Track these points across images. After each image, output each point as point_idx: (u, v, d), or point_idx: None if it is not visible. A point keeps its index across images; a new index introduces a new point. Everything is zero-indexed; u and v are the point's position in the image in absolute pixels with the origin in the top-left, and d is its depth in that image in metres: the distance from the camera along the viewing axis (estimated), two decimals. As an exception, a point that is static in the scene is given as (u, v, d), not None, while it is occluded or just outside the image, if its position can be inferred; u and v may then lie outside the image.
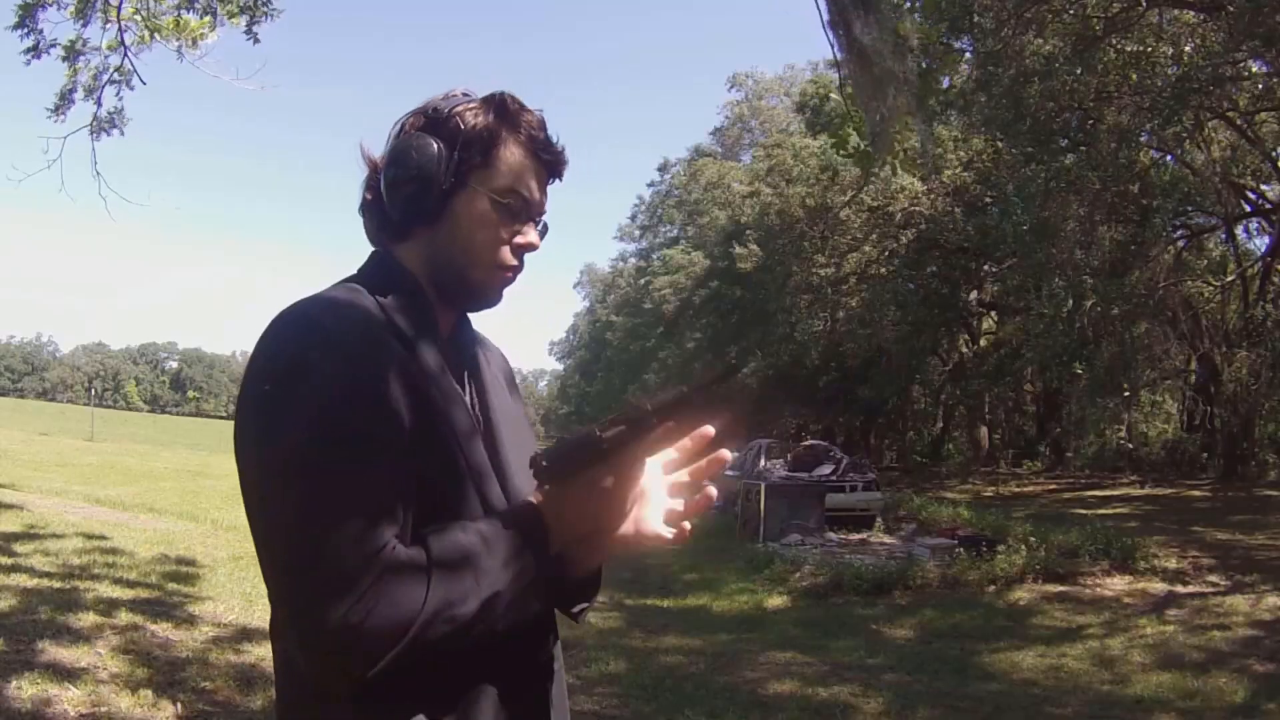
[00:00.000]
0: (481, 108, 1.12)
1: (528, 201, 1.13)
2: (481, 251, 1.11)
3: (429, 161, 1.08)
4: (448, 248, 1.11)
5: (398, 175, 1.09)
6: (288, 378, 0.96)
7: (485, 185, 1.10)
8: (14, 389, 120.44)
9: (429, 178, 1.08)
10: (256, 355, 1.00)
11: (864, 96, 3.40)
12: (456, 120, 1.10)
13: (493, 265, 1.12)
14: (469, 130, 1.10)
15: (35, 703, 3.72)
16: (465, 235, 1.11)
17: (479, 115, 1.11)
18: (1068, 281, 14.33)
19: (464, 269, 1.11)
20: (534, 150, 1.13)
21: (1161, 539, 10.49)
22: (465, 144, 1.10)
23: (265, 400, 0.96)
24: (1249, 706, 5.28)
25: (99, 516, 10.05)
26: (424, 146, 1.09)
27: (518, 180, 1.12)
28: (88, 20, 7.04)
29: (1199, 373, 19.69)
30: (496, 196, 1.11)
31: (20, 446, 21.42)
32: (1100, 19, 13.43)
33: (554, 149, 1.15)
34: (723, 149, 43.48)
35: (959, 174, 20.02)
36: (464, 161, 1.10)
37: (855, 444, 27.90)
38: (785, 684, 5.82)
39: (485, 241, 1.11)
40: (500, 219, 1.11)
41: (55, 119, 7.29)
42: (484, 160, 1.10)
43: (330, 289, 1.09)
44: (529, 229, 1.14)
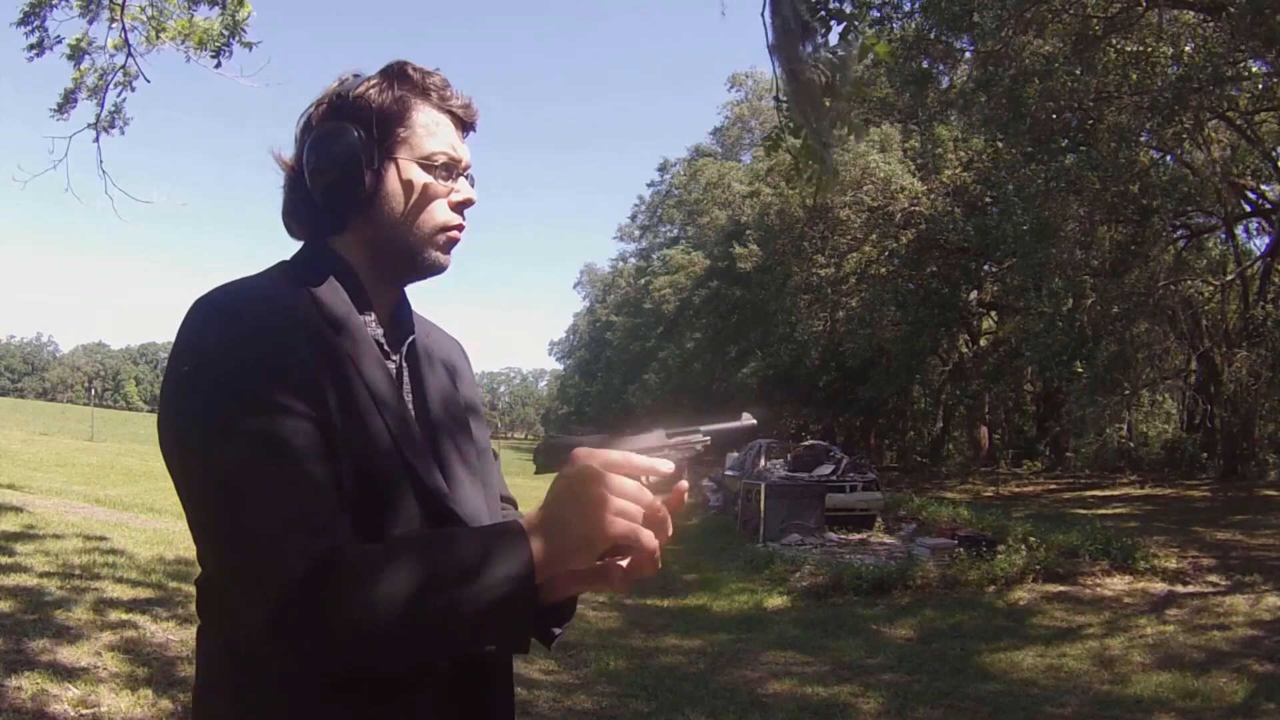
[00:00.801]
0: (383, 81, 1.11)
1: (454, 159, 1.13)
2: (424, 219, 1.11)
3: (350, 146, 1.07)
4: (389, 226, 1.10)
5: (320, 167, 1.07)
6: (210, 360, 0.94)
7: (411, 154, 1.10)
8: (14, 389, 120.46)
9: (354, 161, 1.07)
10: (178, 340, 0.98)
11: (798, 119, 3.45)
12: (363, 100, 1.09)
13: (437, 230, 1.11)
14: (379, 106, 1.09)
15: (35, 702, 3.72)
16: (404, 208, 1.10)
17: (384, 89, 1.10)
18: (1068, 281, 14.34)
19: (410, 242, 1.10)
20: (446, 108, 1.13)
21: (1161, 539, 10.50)
22: (380, 120, 1.09)
23: (187, 383, 0.95)
24: (1248, 706, 5.28)
25: (99, 516, 10.04)
26: (339, 130, 1.07)
27: (440, 141, 1.12)
28: (94, 18, 7.04)
29: (1199, 372, 19.69)
30: (425, 161, 1.10)
31: (20, 446, 21.42)
32: (1100, 19, 13.44)
33: (464, 103, 1.15)
34: (723, 149, 43.49)
35: (959, 174, 20.03)
36: (384, 137, 1.09)
37: (855, 444, 27.89)
38: (785, 684, 5.82)
39: (425, 208, 1.10)
40: (434, 183, 1.11)
41: (59, 117, 7.29)
42: (403, 129, 1.10)
43: (256, 274, 1.08)
44: (463, 184, 1.14)
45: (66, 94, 7.31)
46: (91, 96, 7.32)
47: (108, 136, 7.41)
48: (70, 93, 7.30)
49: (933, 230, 20.29)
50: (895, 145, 20.90)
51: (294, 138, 1.13)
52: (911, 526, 13.39)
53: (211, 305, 0.99)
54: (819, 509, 13.04)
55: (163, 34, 7.02)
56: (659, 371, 39.27)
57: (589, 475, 0.93)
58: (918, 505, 15.01)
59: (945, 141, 20.23)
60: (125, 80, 7.30)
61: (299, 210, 1.12)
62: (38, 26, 6.91)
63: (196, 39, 7.00)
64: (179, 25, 7.00)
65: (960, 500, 16.83)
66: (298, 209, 1.13)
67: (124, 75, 7.30)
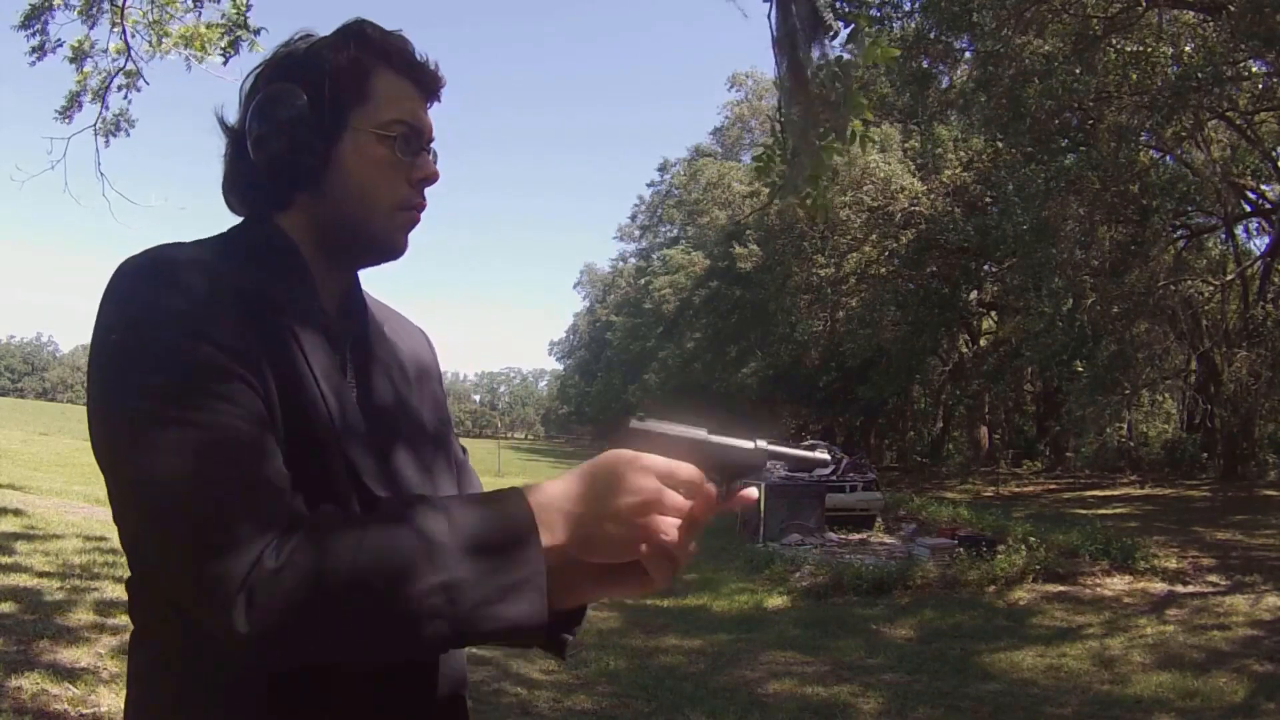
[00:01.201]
0: (338, 41, 0.99)
1: (416, 129, 1.00)
2: (381, 196, 0.98)
3: (298, 111, 0.95)
4: (339, 202, 0.98)
5: (264, 133, 0.95)
6: (143, 329, 0.85)
7: (368, 122, 0.97)
8: (14, 389, 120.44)
9: (302, 129, 0.94)
10: (105, 304, 0.89)
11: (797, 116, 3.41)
12: (315, 60, 0.98)
13: (394, 208, 1.00)
14: (333, 68, 0.97)
15: (36, 702, 3.72)
16: (358, 182, 0.97)
17: (339, 50, 0.98)
18: (1068, 281, 14.34)
19: (363, 221, 0.98)
20: (409, 74, 1.01)
21: (1161, 539, 10.50)
22: (334, 82, 0.96)
23: (116, 353, 0.86)
24: (1249, 706, 5.28)
25: (99, 516, 10.04)
26: (287, 94, 0.95)
27: (401, 109, 0.99)
28: (95, 22, 7.04)
29: (1199, 372, 19.69)
30: (383, 131, 0.97)
31: (20, 446, 21.41)
32: (1100, 19, 13.44)
33: (428, 68, 1.03)
34: (723, 149, 43.50)
35: (959, 174, 20.03)
36: (337, 101, 0.96)
37: (855, 444, 27.89)
38: (785, 684, 5.82)
39: (382, 183, 0.98)
40: (393, 155, 0.98)
41: (62, 121, 7.29)
42: (359, 95, 0.97)
43: (190, 242, 0.96)
44: (424, 159, 1.01)
45: (71, 97, 7.31)
46: (95, 100, 7.33)
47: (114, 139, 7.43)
48: (75, 96, 7.30)
49: (933, 230, 20.29)
50: (895, 145, 20.90)
51: (238, 99, 1.00)
52: (911, 526, 13.40)
53: (143, 269, 0.89)
54: (819, 509, 13.04)
55: (165, 39, 7.01)
56: (659, 371, 39.28)
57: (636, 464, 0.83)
58: (918, 505, 15.01)
59: (945, 141, 20.24)
60: (129, 82, 7.31)
61: (240, 181, 1.00)
62: (39, 30, 6.92)
63: (199, 45, 6.99)
64: (183, 31, 6.99)
65: (960, 500, 16.84)
66: (238, 180, 1.01)
67: (126, 78, 7.31)
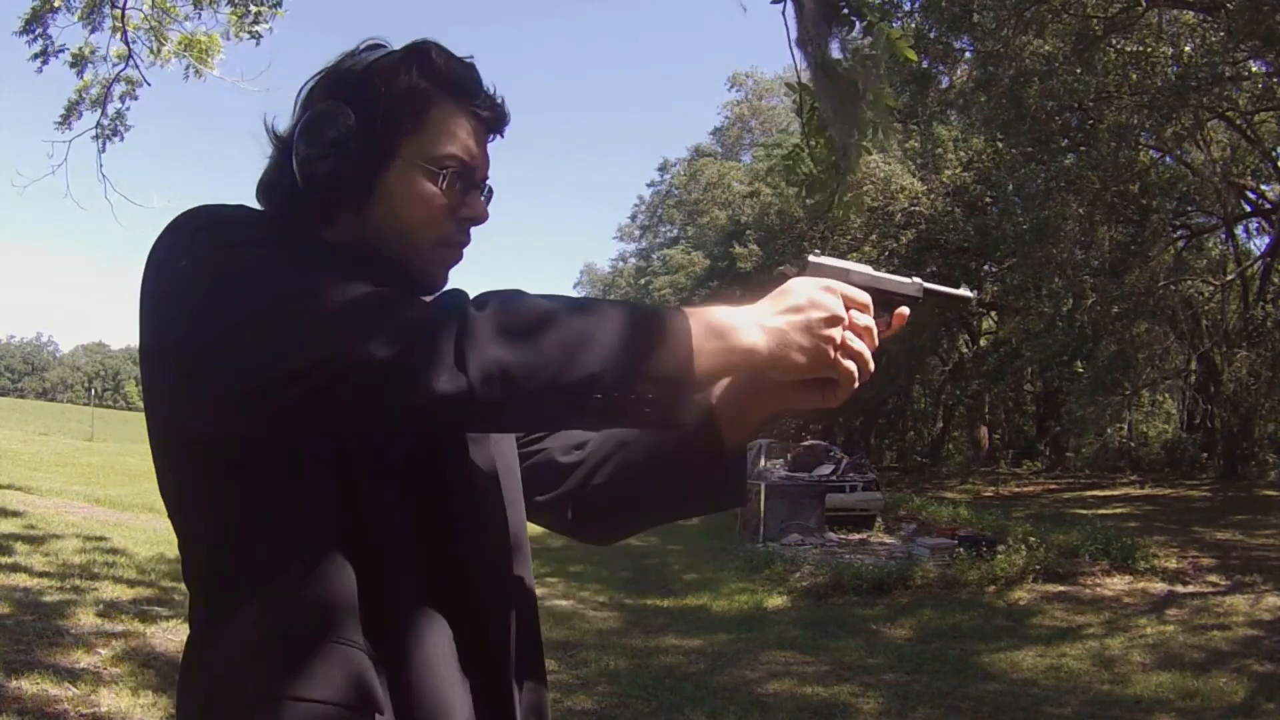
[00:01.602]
0: (402, 63, 0.95)
1: (469, 166, 0.97)
2: (422, 231, 0.96)
3: (344, 134, 0.92)
4: (380, 231, 0.95)
5: (310, 152, 0.92)
6: (216, 250, 0.83)
7: (419, 155, 0.94)
8: (14, 389, 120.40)
9: (346, 154, 0.92)
10: (160, 251, 0.87)
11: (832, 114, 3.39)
12: (373, 81, 0.94)
13: (436, 245, 0.97)
14: (392, 91, 0.94)
15: (36, 703, 3.72)
16: (401, 215, 0.95)
17: (401, 73, 0.95)
18: (1068, 281, 14.34)
19: (402, 255, 0.96)
20: (470, 107, 0.97)
21: (1161, 539, 10.50)
22: (389, 108, 0.93)
23: (184, 278, 0.83)
24: (1249, 706, 5.28)
25: (99, 516, 10.05)
26: (336, 115, 0.92)
27: (456, 143, 0.96)
28: (96, 26, 7.04)
29: (1199, 372, 19.69)
30: (432, 166, 0.95)
31: (20, 446, 21.40)
32: (1100, 19, 13.43)
33: (493, 102, 0.99)
34: (723, 149, 43.50)
35: (959, 174, 20.03)
36: (389, 129, 0.93)
37: (855, 444, 27.90)
38: (785, 684, 5.82)
39: (425, 219, 0.95)
40: (440, 191, 0.95)
41: (62, 128, 7.30)
42: (414, 125, 0.94)
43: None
44: (474, 198, 0.99)
45: (70, 105, 7.32)
46: (95, 107, 7.33)
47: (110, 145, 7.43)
48: (74, 104, 7.30)
49: (933, 230, 20.29)
50: (895, 145, 20.90)
51: (293, 106, 0.98)
52: (911, 526, 13.39)
53: (212, 212, 0.89)
54: (819, 509, 13.04)
55: (165, 47, 7.02)
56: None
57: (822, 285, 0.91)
58: (918, 505, 15.01)
59: (945, 141, 20.23)
60: (130, 89, 7.31)
61: (283, 188, 0.97)
62: (40, 34, 6.92)
63: (198, 54, 6.99)
64: (183, 38, 6.99)
65: (960, 500, 16.83)
66: (281, 187, 0.97)
67: (127, 84, 7.32)
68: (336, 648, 0.83)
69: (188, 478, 0.90)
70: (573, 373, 0.79)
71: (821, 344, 0.89)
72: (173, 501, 0.92)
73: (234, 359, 0.79)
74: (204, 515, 0.89)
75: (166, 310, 0.85)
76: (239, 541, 0.87)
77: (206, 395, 0.82)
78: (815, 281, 0.91)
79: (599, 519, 1.15)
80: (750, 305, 0.90)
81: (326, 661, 0.83)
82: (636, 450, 1.09)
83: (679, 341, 0.82)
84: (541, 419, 0.93)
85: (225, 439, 0.84)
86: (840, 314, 0.90)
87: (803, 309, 0.89)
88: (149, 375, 0.88)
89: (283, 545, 0.86)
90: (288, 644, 0.83)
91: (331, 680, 0.82)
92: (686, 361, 0.82)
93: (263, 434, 0.83)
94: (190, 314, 0.81)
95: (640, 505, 1.14)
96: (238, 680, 0.84)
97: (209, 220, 0.89)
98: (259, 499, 0.86)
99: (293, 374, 0.77)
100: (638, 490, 1.10)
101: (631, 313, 0.84)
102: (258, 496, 0.86)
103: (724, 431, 1.05)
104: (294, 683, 0.82)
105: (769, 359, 0.87)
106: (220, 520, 0.87)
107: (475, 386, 0.76)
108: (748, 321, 0.87)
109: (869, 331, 0.94)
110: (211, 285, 0.81)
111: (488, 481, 1.00)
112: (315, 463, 0.86)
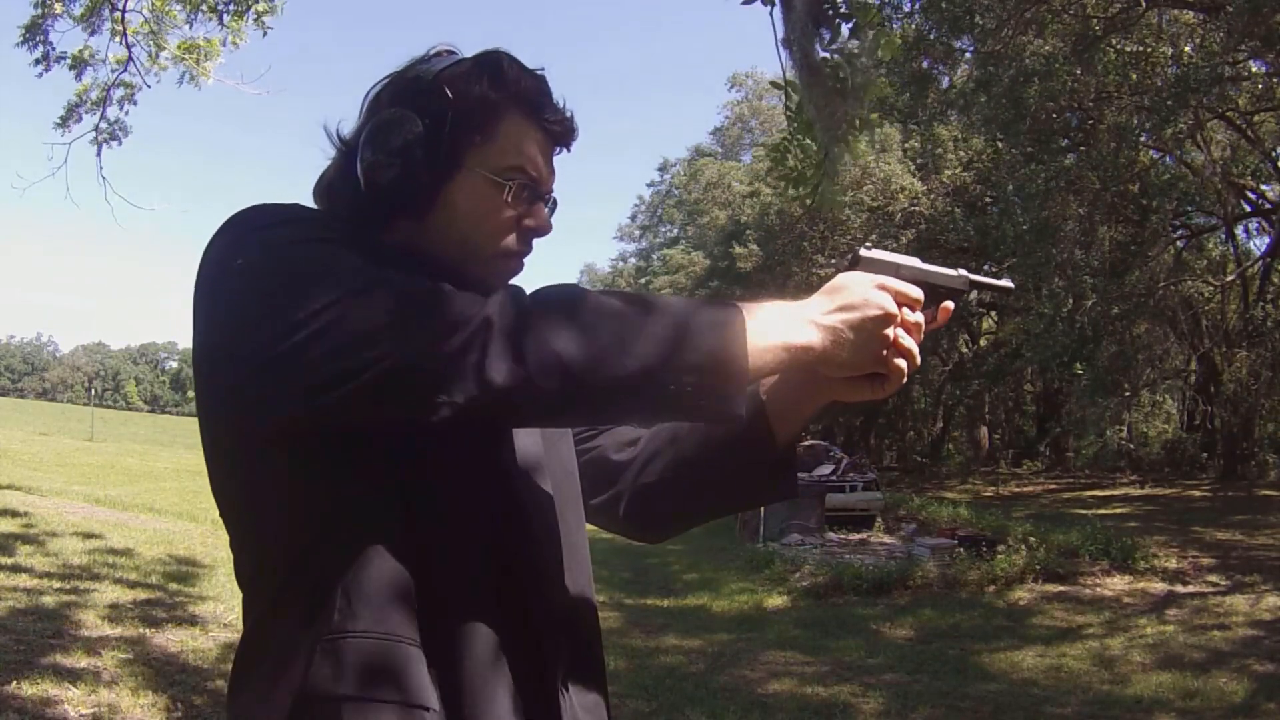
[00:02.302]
0: (473, 73, 0.95)
1: (535, 179, 0.97)
2: (484, 242, 0.96)
3: (411, 142, 0.92)
4: (440, 240, 0.95)
5: (376, 159, 0.92)
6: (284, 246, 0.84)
7: (485, 165, 0.94)
8: (14, 389, 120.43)
9: (414, 161, 0.92)
10: (217, 250, 0.88)
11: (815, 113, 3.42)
12: (442, 91, 0.93)
13: (496, 256, 0.97)
14: (461, 101, 0.93)
15: (37, 704, 3.72)
16: (463, 225, 0.95)
17: (471, 83, 0.94)
18: (1068, 281, 14.34)
19: (460, 262, 0.95)
20: (539, 119, 0.97)
21: (1161, 539, 10.50)
22: (457, 118, 0.93)
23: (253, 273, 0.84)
24: (1248, 706, 5.28)
25: (99, 516, 10.04)
26: (404, 122, 0.92)
27: (522, 156, 0.96)
28: (95, 30, 7.03)
29: (1199, 373, 19.69)
30: (498, 177, 0.95)
31: (20, 446, 21.41)
32: (1100, 19, 13.43)
33: (561, 115, 0.99)
34: (723, 149, 43.48)
35: (959, 174, 20.03)
36: (456, 139, 0.93)
37: (855, 444, 27.89)
38: (785, 683, 5.82)
39: (489, 230, 0.96)
40: (507, 202, 0.95)
41: (62, 133, 7.30)
42: (483, 136, 0.94)
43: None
44: (539, 209, 0.99)
45: (70, 108, 7.31)
46: (94, 110, 7.33)
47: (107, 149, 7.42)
48: (74, 107, 7.30)
49: (933, 230, 20.29)
50: (895, 145, 20.90)
51: (360, 108, 0.98)
52: (911, 526, 13.40)
53: (273, 211, 0.90)
54: (819, 509, 13.04)
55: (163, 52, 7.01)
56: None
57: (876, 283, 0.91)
58: (918, 505, 15.01)
59: (945, 141, 20.23)
60: (128, 94, 7.31)
61: (343, 192, 0.97)
62: (41, 40, 6.92)
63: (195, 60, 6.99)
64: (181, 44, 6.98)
65: (960, 500, 16.83)
66: (341, 190, 0.97)
67: (125, 88, 7.31)
68: (392, 645, 0.84)
69: (245, 476, 0.90)
70: (629, 365, 0.80)
71: (875, 342, 0.90)
72: (228, 501, 0.92)
73: (309, 352, 0.80)
74: (260, 514, 0.90)
75: (236, 308, 0.85)
76: (296, 540, 0.87)
77: (284, 389, 0.82)
78: (868, 278, 0.92)
79: (651, 515, 1.16)
80: (804, 301, 0.91)
81: (382, 659, 0.83)
82: (687, 446, 1.10)
83: (734, 335, 0.83)
84: (597, 412, 0.93)
85: (292, 436, 0.84)
86: (893, 311, 0.90)
87: (857, 307, 0.89)
88: (212, 372, 0.88)
89: (339, 543, 0.86)
90: (343, 642, 0.83)
91: (387, 678, 0.83)
92: (741, 356, 0.83)
93: (333, 427, 0.83)
94: (263, 310, 0.82)
95: (692, 500, 1.14)
96: (292, 679, 0.83)
97: (272, 218, 0.89)
98: (318, 497, 0.86)
99: (362, 367, 0.78)
100: (689, 486, 1.10)
101: (687, 307, 0.85)
102: (316, 495, 0.86)
103: (775, 425, 1.06)
104: (348, 681, 0.82)
105: (822, 356, 0.89)
106: (277, 518, 0.88)
107: (534, 379, 0.78)
108: (802, 318, 0.88)
109: (918, 327, 0.94)
110: (285, 280, 0.82)
111: (547, 483, 1.01)
112: (375, 461, 0.86)
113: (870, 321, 0.89)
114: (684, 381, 0.81)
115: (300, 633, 0.84)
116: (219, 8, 7.00)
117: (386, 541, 0.86)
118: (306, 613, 0.84)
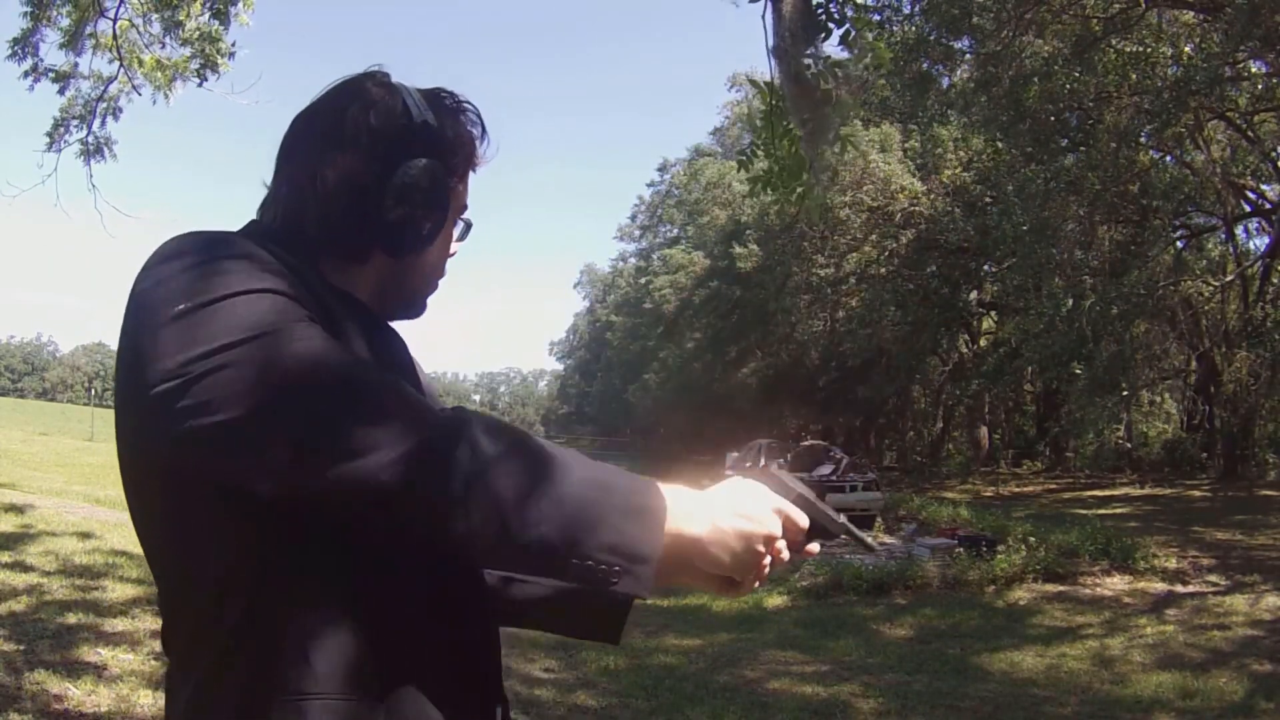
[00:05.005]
0: (471, 121, 0.99)
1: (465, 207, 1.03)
2: (439, 272, 1.02)
3: (440, 191, 0.95)
4: (409, 272, 0.99)
5: (413, 215, 0.94)
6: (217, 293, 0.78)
7: (456, 207, 0.99)
8: (14, 389, 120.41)
9: (443, 210, 0.96)
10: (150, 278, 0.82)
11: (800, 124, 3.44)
12: (455, 141, 0.97)
13: (436, 281, 1.04)
14: (467, 152, 0.98)
15: (37, 703, 3.73)
16: (433, 260, 1.00)
17: (464, 123, 0.98)
18: (1067, 281, 14.36)
19: (418, 291, 1.02)
20: (479, 156, 1.02)
21: (1161, 539, 10.51)
22: (457, 164, 0.98)
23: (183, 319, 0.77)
24: (1248, 706, 5.29)
25: (99, 516, 10.04)
26: (438, 175, 0.94)
27: (467, 194, 1.01)
28: (79, 49, 7.05)
29: (1199, 372, 19.71)
30: (461, 215, 1.01)
31: (20, 446, 21.42)
32: (1100, 20, 13.45)
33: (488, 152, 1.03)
34: (723, 149, 43.48)
35: (959, 174, 20.04)
36: (455, 186, 0.98)
37: (855, 444, 27.90)
38: (785, 683, 5.83)
39: (442, 265, 1.02)
40: (452, 238, 1.02)
41: (50, 149, 7.32)
42: (459, 179, 0.98)
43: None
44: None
45: (56, 124, 7.33)
46: (80, 124, 7.34)
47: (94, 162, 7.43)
48: (59, 123, 7.32)
49: (933, 230, 20.31)
50: (895, 145, 20.91)
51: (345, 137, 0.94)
52: (911, 526, 13.41)
53: (200, 242, 0.84)
54: (819, 509, 13.04)
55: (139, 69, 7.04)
56: (659, 371, 39.29)
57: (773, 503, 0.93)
58: (918, 505, 15.02)
59: (945, 141, 20.25)
60: (109, 108, 7.33)
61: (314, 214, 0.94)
62: (30, 53, 6.95)
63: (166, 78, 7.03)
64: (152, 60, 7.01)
65: (960, 500, 16.84)
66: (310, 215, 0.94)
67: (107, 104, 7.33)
68: (355, 705, 0.83)
69: (176, 529, 0.87)
70: (564, 534, 0.82)
71: (752, 557, 0.92)
72: (168, 552, 0.88)
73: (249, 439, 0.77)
74: (199, 567, 0.86)
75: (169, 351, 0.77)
76: (237, 598, 0.84)
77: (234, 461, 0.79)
78: (772, 498, 0.94)
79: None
80: (709, 494, 0.93)
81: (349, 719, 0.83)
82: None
83: (656, 523, 0.86)
84: (517, 568, 0.94)
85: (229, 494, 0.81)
86: (777, 537, 0.93)
87: (754, 521, 0.91)
88: (146, 419, 0.81)
89: (292, 598, 0.84)
90: (305, 704, 0.82)
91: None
92: (659, 542, 0.85)
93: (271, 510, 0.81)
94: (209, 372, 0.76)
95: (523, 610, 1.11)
96: None
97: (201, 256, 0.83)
98: (269, 550, 0.84)
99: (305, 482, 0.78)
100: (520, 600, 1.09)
101: (628, 487, 0.86)
102: (267, 548, 0.84)
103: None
104: None
105: (703, 553, 0.90)
106: (217, 573, 0.85)
107: (475, 529, 0.80)
108: (704, 513, 0.90)
109: (788, 558, 0.98)
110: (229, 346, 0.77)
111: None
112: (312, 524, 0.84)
113: (758, 539, 0.92)
114: (601, 559, 0.83)
115: (257, 685, 0.82)
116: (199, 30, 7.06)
117: (339, 593, 0.85)
118: (260, 668, 0.83)
